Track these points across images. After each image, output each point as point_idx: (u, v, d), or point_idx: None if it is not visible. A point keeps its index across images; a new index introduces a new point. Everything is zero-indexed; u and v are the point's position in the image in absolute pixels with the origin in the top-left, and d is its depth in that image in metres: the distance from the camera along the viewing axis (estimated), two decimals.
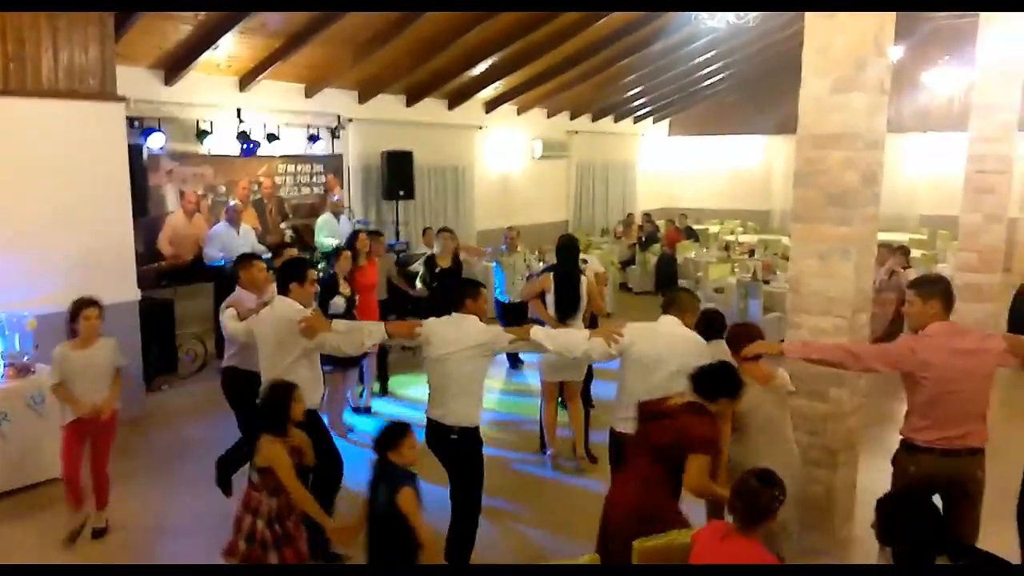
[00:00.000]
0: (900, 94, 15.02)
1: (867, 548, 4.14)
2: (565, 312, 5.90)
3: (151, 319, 7.39)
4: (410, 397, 7.59)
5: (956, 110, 14.49)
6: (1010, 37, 8.14)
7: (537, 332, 4.11)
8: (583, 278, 5.96)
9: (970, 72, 9.20)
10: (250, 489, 3.67)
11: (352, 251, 6.86)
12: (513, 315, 8.02)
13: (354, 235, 7.31)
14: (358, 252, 6.97)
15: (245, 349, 4.82)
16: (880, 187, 4.66)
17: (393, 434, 3.44)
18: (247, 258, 5.29)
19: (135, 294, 7.04)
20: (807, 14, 4.51)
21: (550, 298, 6.00)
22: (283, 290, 4.34)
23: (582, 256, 6.95)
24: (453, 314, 4.18)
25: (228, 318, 4.79)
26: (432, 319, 4.26)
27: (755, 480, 2.91)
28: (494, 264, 8.69)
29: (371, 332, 4.20)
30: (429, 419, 4.18)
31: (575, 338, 4.18)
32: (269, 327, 4.28)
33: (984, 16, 8.25)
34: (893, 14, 4.48)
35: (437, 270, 7.77)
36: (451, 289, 4.54)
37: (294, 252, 5.78)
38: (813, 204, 4.49)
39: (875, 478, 4.84)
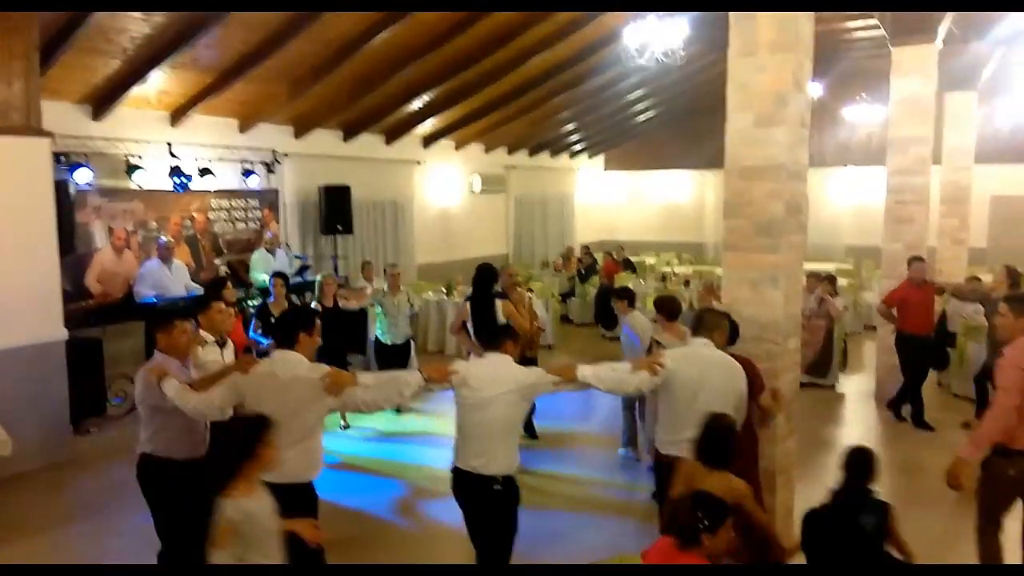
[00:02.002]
0: (821, 130, 15.67)
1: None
2: (484, 341, 5.92)
3: (79, 359, 7.14)
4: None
5: (874, 145, 15.16)
6: (920, 75, 8.62)
7: (584, 372, 3.88)
8: (498, 303, 6.06)
9: (885, 109, 9.67)
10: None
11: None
12: (395, 356, 7.83)
13: (221, 283, 6.63)
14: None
15: (166, 430, 4.04)
16: (805, 216, 4.86)
17: (872, 461, 3.50)
18: (166, 319, 4.26)
19: (61, 333, 6.80)
20: (729, 53, 4.71)
21: (471, 326, 6.18)
22: (289, 342, 3.74)
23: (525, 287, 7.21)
24: (488, 355, 3.98)
25: (180, 391, 3.82)
26: (463, 361, 4.04)
27: (687, 502, 2.98)
28: (376, 304, 8.23)
29: (408, 382, 3.78)
30: (461, 470, 3.85)
31: (622, 374, 3.99)
32: (276, 391, 3.59)
33: (895, 55, 8.72)
34: (811, 52, 4.72)
35: (272, 319, 6.93)
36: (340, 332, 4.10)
37: (231, 294, 5.21)
38: (742, 234, 4.66)
39: (811, 499, 4.96)
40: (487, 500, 3.79)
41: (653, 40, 8.56)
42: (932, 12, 8.50)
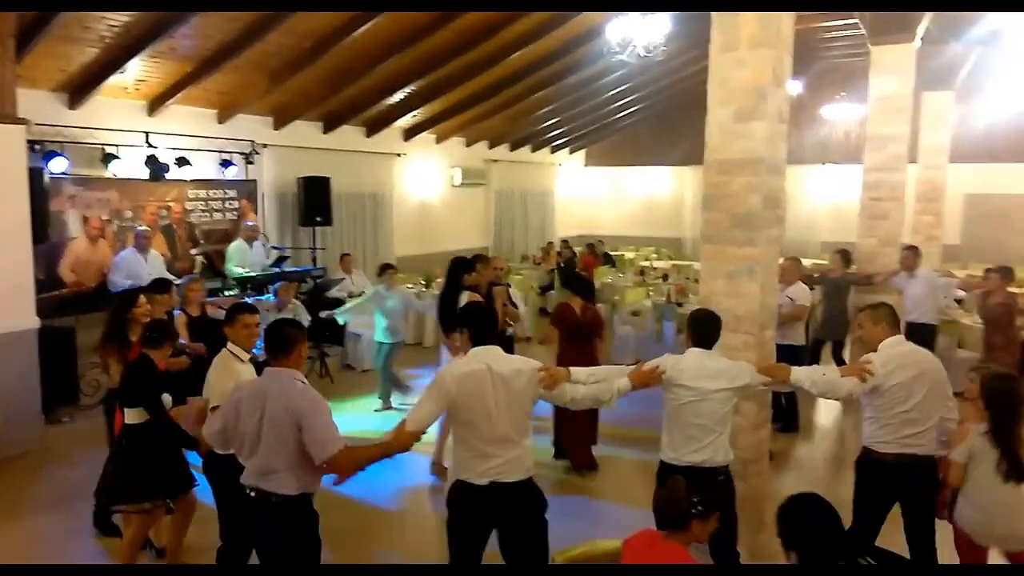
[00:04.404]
0: (800, 128, 15.81)
1: (779, 557, 4.28)
2: (445, 327, 6.20)
3: (51, 348, 7.07)
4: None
5: (852, 143, 15.33)
6: (898, 74, 8.72)
7: (798, 375, 3.98)
8: (463, 295, 6.11)
9: (864, 107, 9.79)
10: None
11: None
12: None
13: (162, 286, 5.96)
14: None
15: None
16: (783, 211, 4.91)
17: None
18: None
19: (34, 322, 6.73)
20: (711, 49, 4.74)
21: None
22: (492, 339, 3.59)
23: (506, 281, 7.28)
24: (691, 350, 3.92)
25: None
26: (671, 356, 3.95)
27: (682, 486, 2.99)
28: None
29: (618, 387, 3.74)
30: (676, 465, 3.82)
31: (833, 379, 4.04)
32: (498, 386, 3.40)
33: (875, 54, 8.81)
34: (790, 48, 4.76)
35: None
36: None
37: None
38: (720, 226, 4.69)
39: (784, 487, 5.02)
40: (710, 492, 3.76)
41: (635, 36, 8.59)
42: (911, 11, 8.62)
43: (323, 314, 9.09)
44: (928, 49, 9.79)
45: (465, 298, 6.04)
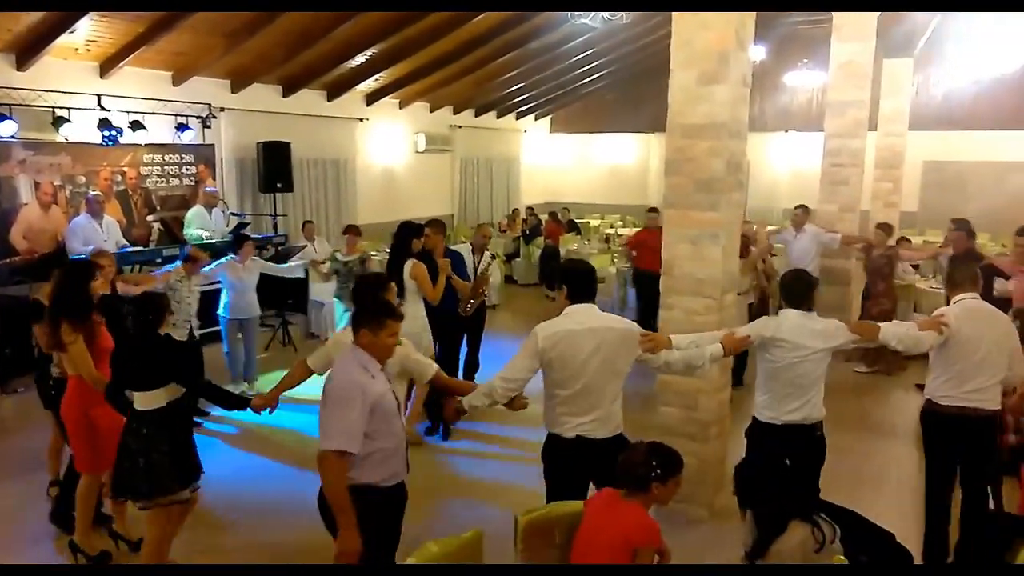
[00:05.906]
0: (764, 95, 15.88)
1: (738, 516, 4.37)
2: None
3: (5, 317, 6.91)
4: None
5: (815, 111, 15.43)
6: (859, 40, 8.76)
7: (886, 333, 3.99)
8: (407, 264, 5.99)
9: (826, 75, 9.82)
10: None
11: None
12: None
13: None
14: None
15: (381, 448, 3.23)
16: (745, 175, 4.93)
17: None
18: (374, 316, 3.30)
19: None
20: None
21: None
22: (591, 296, 3.55)
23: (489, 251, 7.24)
24: (786, 311, 3.97)
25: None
26: (771, 319, 4.05)
27: (643, 450, 3.02)
28: (170, 290, 6.78)
29: (711, 353, 3.73)
30: (773, 424, 3.95)
31: (917, 334, 4.07)
32: (607, 342, 3.43)
33: (836, 20, 8.84)
34: (753, 12, 4.74)
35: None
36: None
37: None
38: (683, 191, 4.70)
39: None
40: (809, 448, 3.95)
41: None
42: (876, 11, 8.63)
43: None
44: (889, 16, 9.85)
45: (410, 266, 5.98)
